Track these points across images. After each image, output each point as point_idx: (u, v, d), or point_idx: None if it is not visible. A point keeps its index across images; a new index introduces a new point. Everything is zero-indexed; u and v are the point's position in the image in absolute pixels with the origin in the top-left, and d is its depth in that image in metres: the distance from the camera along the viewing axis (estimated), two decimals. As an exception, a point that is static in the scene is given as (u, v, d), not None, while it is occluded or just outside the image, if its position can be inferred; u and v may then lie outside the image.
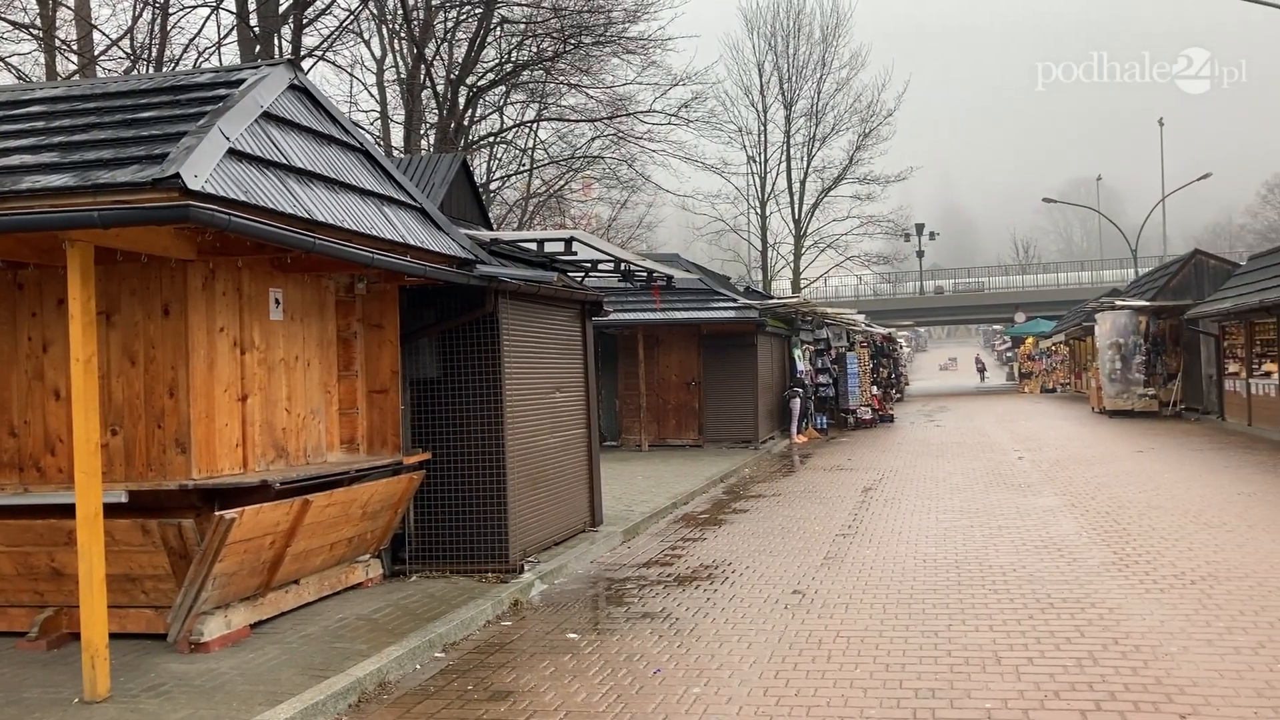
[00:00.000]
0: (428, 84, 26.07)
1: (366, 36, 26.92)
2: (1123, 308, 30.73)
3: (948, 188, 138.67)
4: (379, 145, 25.92)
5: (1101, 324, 30.98)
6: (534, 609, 8.56)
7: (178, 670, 6.47)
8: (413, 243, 8.23)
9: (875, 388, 33.19)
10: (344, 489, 7.97)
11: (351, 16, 24.53)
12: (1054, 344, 53.41)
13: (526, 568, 9.43)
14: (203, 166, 5.99)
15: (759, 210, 51.37)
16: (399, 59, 27.48)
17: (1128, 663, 6.41)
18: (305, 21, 23.26)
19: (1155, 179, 66.29)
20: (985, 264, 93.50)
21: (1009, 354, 72.97)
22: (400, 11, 25.56)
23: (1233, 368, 25.53)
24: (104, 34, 20.69)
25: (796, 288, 49.86)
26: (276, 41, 22.75)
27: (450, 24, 26.71)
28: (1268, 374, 22.34)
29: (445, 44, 26.86)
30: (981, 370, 75.63)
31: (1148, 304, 30.44)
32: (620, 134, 29.48)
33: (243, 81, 7.25)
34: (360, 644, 7.02)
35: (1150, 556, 9.57)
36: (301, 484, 7.44)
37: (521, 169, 30.35)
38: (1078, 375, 45.64)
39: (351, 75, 27.98)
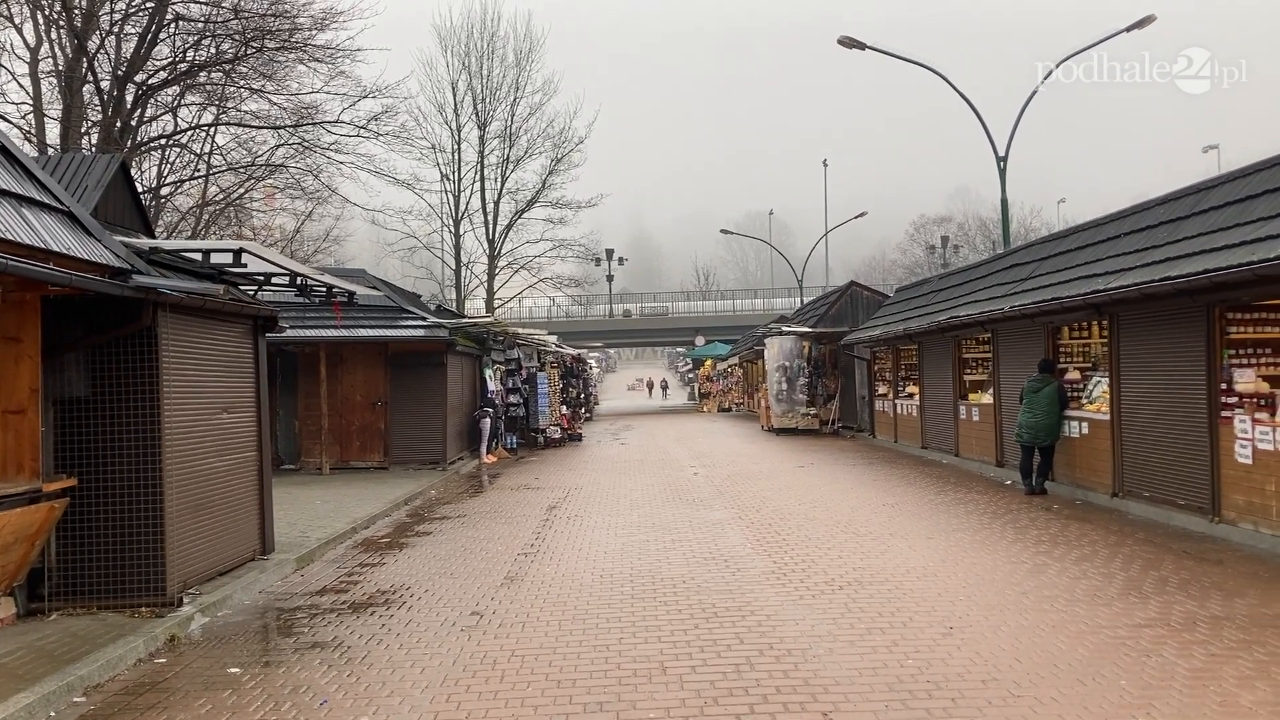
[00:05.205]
0: (90, 79, 23.92)
1: (18, 21, 24.32)
2: (789, 333, 33.02)
3: (638, 215, 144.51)
4: (31, 141, 23.54)
5: (770, 348, 33.15)
6: (193, 644, 8.02)
7: None
8: (56, 248, 7.53)
9: (565, 407, 33.81)
10: (-32, 521, 7.15)
11: (-3, -3, 22.17)
12: (730, 366, 56.67)
13: (186, 600, 8.83)
14: None
15: (453, 229, 51.17)
16: (57, 49, 25.01)
17: (780, 666, 6.86)
18: (-61, -1, 20.82)
19: (821, 215, 72.00)
20: (670, 290, 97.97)
21: (690, 375, 76.78)
22: (58, -3, 23.35)
23: (881, 389, 28.06)
24: None
25: (490, 307, 49.92)
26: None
27: (118, 16, 24.65)
28: (910, 395, 24.70)
29: (112, 37, 24.72)
30: (664, 388, 79.61)
31: (810, 330, 32.88)
32: (306, 143, 28.31)
33: None
34: (-17, 694, 6.29)
35: (805, 565, 10.30)
36: (-87, 516, 6.61)
37: (196, 175, 28.43)
38: (750, 395, 48.57)
39: (-2, 64, 25.14)
